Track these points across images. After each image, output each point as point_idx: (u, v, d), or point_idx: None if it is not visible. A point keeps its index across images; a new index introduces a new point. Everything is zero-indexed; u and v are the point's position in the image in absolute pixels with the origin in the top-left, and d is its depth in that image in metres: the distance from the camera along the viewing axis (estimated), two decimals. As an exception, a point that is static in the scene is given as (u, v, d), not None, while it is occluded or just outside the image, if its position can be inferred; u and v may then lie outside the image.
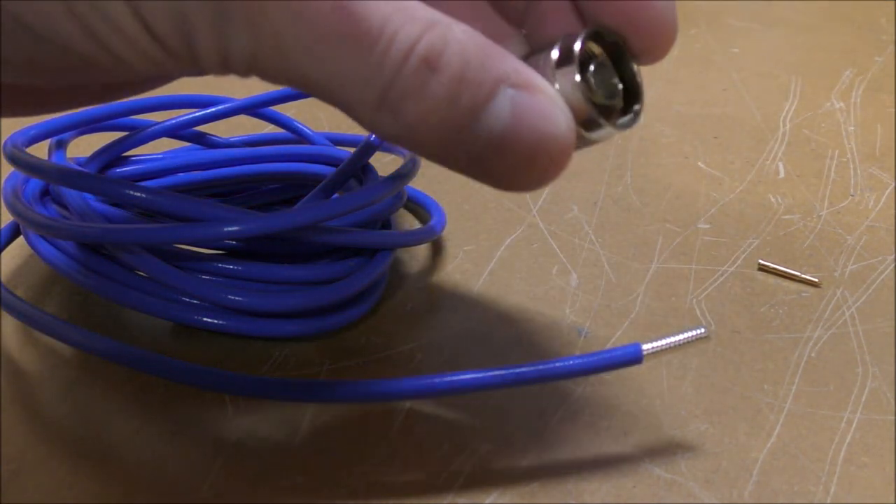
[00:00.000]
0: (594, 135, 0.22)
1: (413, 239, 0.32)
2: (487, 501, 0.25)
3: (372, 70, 0.19)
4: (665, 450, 0.26)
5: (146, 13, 0.18)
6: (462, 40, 0.19)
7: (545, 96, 0.20)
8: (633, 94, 0.23)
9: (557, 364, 0.25)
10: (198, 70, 0.19)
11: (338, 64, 0.19)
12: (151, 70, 0.19)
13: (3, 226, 0.33)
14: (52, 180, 0.29)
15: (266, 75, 0.19)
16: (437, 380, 0.25)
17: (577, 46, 0.21)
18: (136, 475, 0.25)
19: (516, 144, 0.19)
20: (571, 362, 0.25)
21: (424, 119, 0.19)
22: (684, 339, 0.25)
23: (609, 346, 0.30)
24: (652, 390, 0.28)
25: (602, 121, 0.21)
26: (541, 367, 0.25)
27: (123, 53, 0.19)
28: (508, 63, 0.20)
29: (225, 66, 0.19)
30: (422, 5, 0.19)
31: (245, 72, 0.19)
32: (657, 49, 0.23)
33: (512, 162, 0.20)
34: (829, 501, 0.25)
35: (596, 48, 0.22)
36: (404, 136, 0.20)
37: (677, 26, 0.23)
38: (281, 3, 0.18)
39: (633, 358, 0.25)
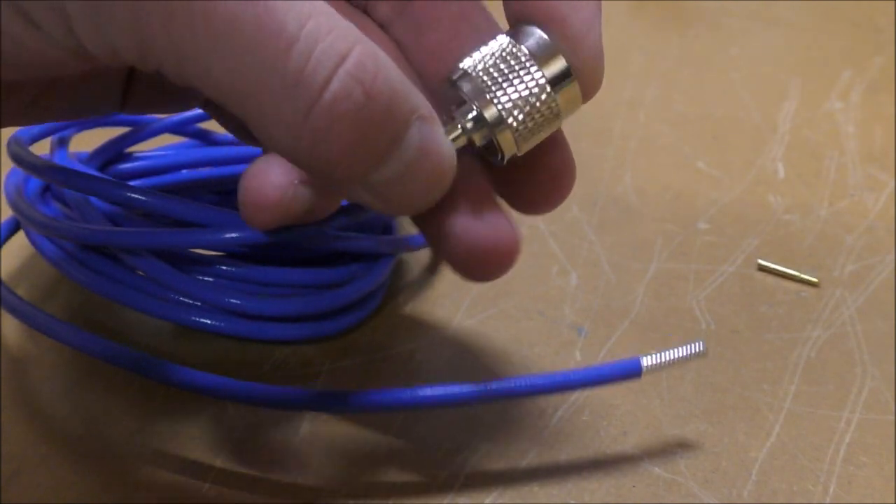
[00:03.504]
0: None
1: (414, 244, 0.32)
2: (487, 501, 0.25)
3: (290, 78, 0.16)
4: (664, 449, 0.26)
5: (25, 6, 0.16)
6: (389, 65, 0.18)
7: (441, 128, 0.20)
8: None
9: (556, 378, 0.25)
10: (96, 63, 0.18)
11: (246, 63, 0.16)
12: (51, 67, 0.18)
13: (3, 221, 0.33)
14: (54, 181, 0.29)
15: (165, 69, 0.17)
16: (435, 390, 0.25)
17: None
18: (136, 475, 0.25)
19: (419, 174, 0.19)
20: (570, 376, 0.25)
21: (348, 148, 0.18)
22: (683, 355, 0.25)
23: (609, 346, 0.30)
24: (652, 390, 0.28)
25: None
26: (539, 380, 0.25)
27: (11, 52, 0.17)
28: (417, 92, 0.19)
29: (117, 57, 0.17)
30: (345, 19, 0.17)
31: (140, 63, 0.17)
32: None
33: (411, 190, 0.19)
34: (827, 501, 0.25)
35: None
36: (318, 161, 0.18)
37: (602, 73, 0.22)
38: None
39: (633, 372, 0.25)
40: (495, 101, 0.21)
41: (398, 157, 0.19)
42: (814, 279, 0.33)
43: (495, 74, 0.21)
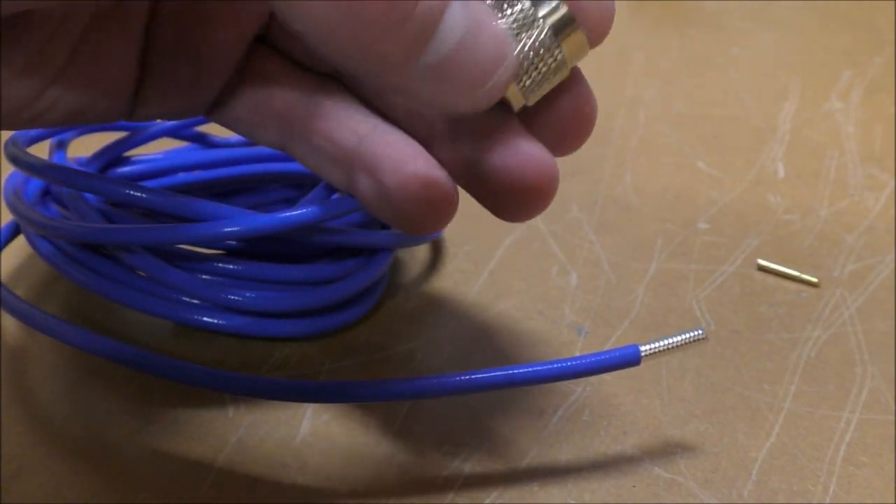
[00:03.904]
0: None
1: (412, 239, 0.32)
2: (487, 501, 0.25)
3: None
4: (664, 449, 0.26)
5: None
6: None
7: (490, 11, 0.19)
8: None
9: (555, 365, 0.25)
10: None
11: None
12: None
13: (2, 225, 0.33)
14: (52, 180, 0.29)
15: None
16: (437, 380, 0.25)
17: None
18: (136, 475, 0.25)
19: (475, 52, 0.19)
20: (569, 363, 0.25)
21: (386, 12, 0.18)
22: (682, 340, 0.25)
23: (609, 345, 0.30)
24: (652, 390, 0.28)
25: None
26: (539, 367, 0.25)
27: None
28: None
29: None
30: None
31: None
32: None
33: (470, 72, 0.19)
34: (827, 501, 0.25)
35: None
36: (363, 36, 0.18)
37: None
38: None
39: (631, 359, 0.25)
40: None
41: (446, 31, 0.19)
42: (814, 279, 0.33)
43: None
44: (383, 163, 0.22)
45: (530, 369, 0.25)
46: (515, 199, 0.22)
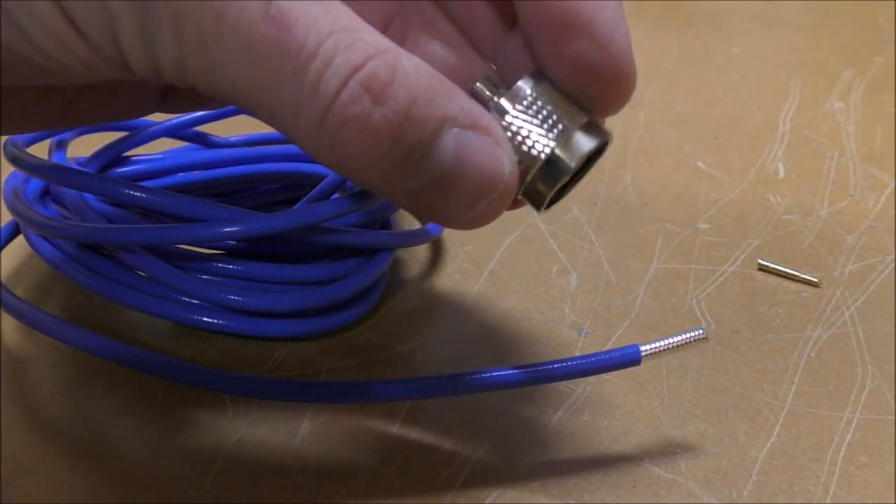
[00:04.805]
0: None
1: (413, 239, 0.32)
2: (487, 501, 0.25)
3: (307, 91, 0.18)
4: (665, 449, 0.26)
5: (73, 12, 0.17)
6: (411, 73, 0.19)
7: (491, 137, 0.19)
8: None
9: (556, 365, 0.25)
10: (132, 75, 0.19)
11: (268, 78, 0.18)
12: (88, 73, 0.19)
13: (2, 225, 0.33)
14: (52, 180, 0.29)
15: (199, 84, 0.19)
16: (437, 380, 0.25)
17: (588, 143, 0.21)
18: (136, 475, 0.25)
19: (459, 184, 0.19)
20: (570, 363, 0.25)
21: (365, 151, 0.19)
22: (683, 340, 0.25)
23: (609, 345, 0.30)
24: (652, 390, 0.28)
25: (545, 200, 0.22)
26: (539, 368, 0.25)
27: (54, 53, 0.18)
28: (457, 101, 0.19)
29: (157, 72, 0.18)
30: (374, 31, 0.19)
31: (178, 79, 0.18)
32: (615, 100, 0.22)
33: (453, 201, 0.19)
34: (828, 501, 0.25)
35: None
36: (344, 166, 0.19)
37: (635, 75, 0.21)
38: (203, 3, 0.17)
39: (632, 359, 0.25)
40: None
41: (430, 164, 0.19)
42: (814, 279, 0.33)
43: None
44: None
45: (530, 369, 0.25)
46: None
